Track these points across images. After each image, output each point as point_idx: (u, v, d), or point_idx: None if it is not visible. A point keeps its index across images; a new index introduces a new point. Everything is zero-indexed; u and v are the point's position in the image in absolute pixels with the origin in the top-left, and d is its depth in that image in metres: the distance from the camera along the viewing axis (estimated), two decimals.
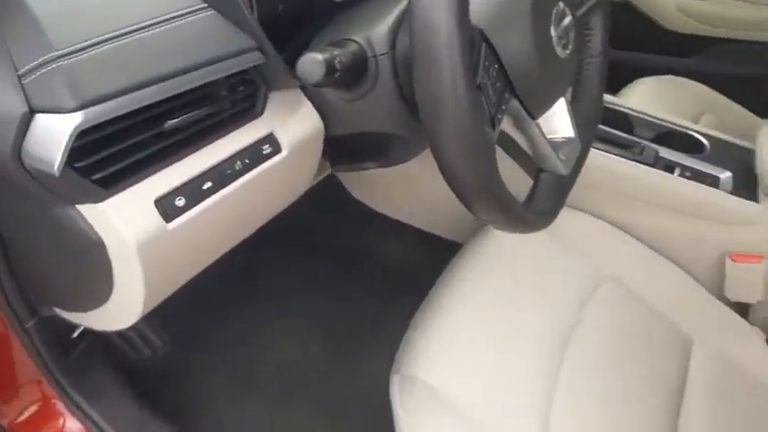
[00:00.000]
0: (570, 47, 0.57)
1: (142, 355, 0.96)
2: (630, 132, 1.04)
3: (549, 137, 0.64)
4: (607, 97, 1.08)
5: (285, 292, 1.17)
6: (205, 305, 1.10)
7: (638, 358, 0.82)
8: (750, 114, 1.34)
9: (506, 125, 0.59)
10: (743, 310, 0.95)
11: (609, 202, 0.97)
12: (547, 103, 0.59)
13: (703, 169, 0.95)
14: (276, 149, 0.57)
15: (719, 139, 1.02)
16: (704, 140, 1.01)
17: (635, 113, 1.07)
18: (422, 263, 0.91)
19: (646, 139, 1.01)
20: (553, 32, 0.53)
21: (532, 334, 0.79)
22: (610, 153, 0.96)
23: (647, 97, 1.39)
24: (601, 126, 1.01)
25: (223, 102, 0.54)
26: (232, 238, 0.63)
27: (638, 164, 0.95)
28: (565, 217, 0.94)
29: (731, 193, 0.91)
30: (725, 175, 0.94)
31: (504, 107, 0.51)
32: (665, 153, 0.97)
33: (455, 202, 1.15)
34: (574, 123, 0.64)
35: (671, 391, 0.80)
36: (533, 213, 0.58)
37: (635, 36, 1.56)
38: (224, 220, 0.56)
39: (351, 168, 0.71)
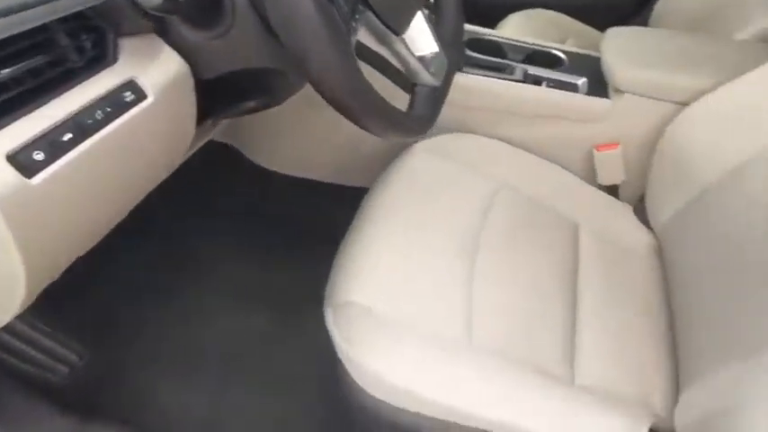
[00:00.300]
0: None
1: (58, 372, 0.94)
2: (504, 57, 1.18)
3: (417, 54, 0.75)
4: (483, 30, 1.23)
5: (215, 268, 1.19)
6: (134, 295, 1.11)
7: (538, 247, 0.94)
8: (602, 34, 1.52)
9: (373, 43, 0.68)
10: (613, 191, 1.12)
11: (494, 120, 1.10)
12: (404, 17, 0.67)
13: (564, 79, 1.10)
14: (140, 96, 0.55)
15: (575, 53, 1.17)
16: (562, 56, 1.16)
17: (505, 41, 1.20)
18: (340, 214, 0.92)
19: (516, 61, 1.16)
20: None
21: (446, 244, 0.88)
22: (488, 77, 1.10)
23: (519, 28, 1.55)
24: (477, 54, 1.15)
25: (66, 51, 0.52)
26: (117, 200, 0.60)
27: (513, 82, 1.09)
28: (459, 141, 1.08)
29: (587, 94, 1.07)
30: (581, 81, 1.09)
31: (357, 16, 0.58)
32: (533, 70, 1.12)
33: (355, 149, 1.25)
34: (437, 38, 0.75)
35: (567, 270, 0.92)
36: (413, 120, 0.69)
37: None
38: (99, 177, 0.54)
39: (234, 113, 0.73)
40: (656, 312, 0.91)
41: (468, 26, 1.21)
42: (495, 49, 1.19)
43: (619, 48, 1.07)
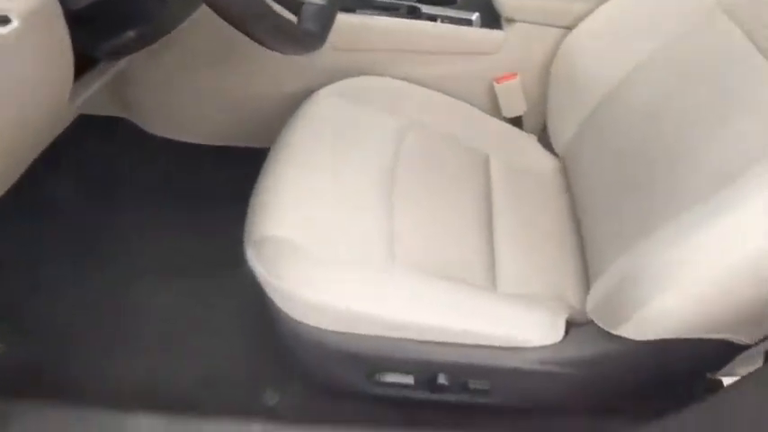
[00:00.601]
0: None
1: None
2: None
3: None
4: None
5: (130, 244, 1.16)
6: (51, 275, 1.08)
7: (451, 176, 0.96)
8: None
9: None
10: (517, 122, 1.16)
11: (394, 60, 1.11)
12: None
13: (457, 15, 1.13)
14: (3, 19, 0.51)
15: None
16: None
17: None
18: (248, 175, 0.89)
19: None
20: None
21: (361, 176, 0.88)
22: (386, 17, 1.10)
23: None
24: None
25: None
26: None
27: (408, 19, 1.10)
28: (362, 83, 1.08)
29: (480, 27, 1.10)
30: (474, 16, 1.12)
31: None
32: (426, 9, 1.13)
33: (255, 109, 1.21)
34: None
35: (481, 194, 0.95)
36: (303, 33, 0.68)
37: None
38: None
39: (116, 49, 0.68)
40: (565, 224, 0.96)
41: None
42: None
43: None
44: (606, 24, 0.98)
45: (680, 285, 0.60)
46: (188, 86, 1.17)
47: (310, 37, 0.69)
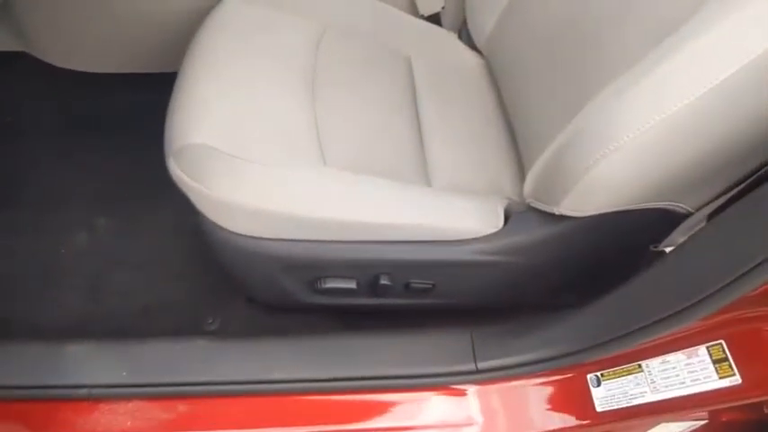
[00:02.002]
0: None
1: None
2: None
3: None
4: None
5: (48, 183, 1.07)
6: None
7: (375, 77, 0.90)
8: None
9: None
10: (436, 20, 1.10)
11: None
12: None
13: None
14: None
15: None
16: None
17: None
18: (161, 100, 0.80)
19: None
20: None
21: (282, 78, 0.81)
22: None
23: None
24: None
25: None
26: None
27: None
28: None
29: None
30: None
31: None
32: None
33: (159, 31, 1.09)
34: None
35: (407, 93, 0.90)
36: None
37: None
38: None
39: None
40: (495, 119, 0.92)
41: None
42: None
43: None
44: None
45: (617, 149, 0.56)
46: (83, 8, 1.04)
47: None
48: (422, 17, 1.08)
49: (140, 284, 0.94)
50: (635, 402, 0.59)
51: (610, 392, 0.61)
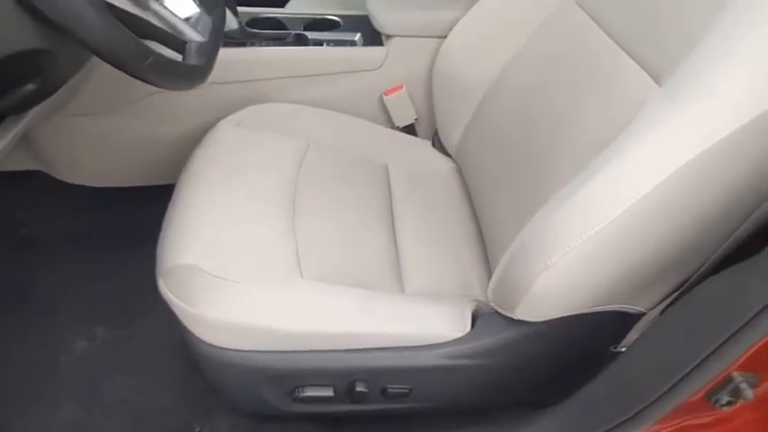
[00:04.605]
0: None
1: None
2: (285, 29, 1.17)
3: (183, 17, 0.72)
4: (260, 9, 1.20)
5: (53, 293, 1.09)
6: None
7: (354, 189, 0.93)
8: None
9: (137, 10, 0.64)
10: (411, 130, 1.15)
11: (288, 86, 1.08)
12: None
13: (341, 38, 1.11)
14: None
15: (349, 15, 1.18)
16: (338, 19, 1.17)
17: (283, 15, 1.19)
18: (154, 212, 0.86)
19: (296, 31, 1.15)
20: None
21: (266, 195, 0.84)
22: (275, 47, 1.08)
23: (311, 2, 1.54)
24: (261, 31, 1.13)
25: None
26: None
27: (296, 47, 1.08)
28: (261, 111, 1.04)
29: (363, 45, 1.09)
30: (357, 36, 1.11)
31: None
32: (313, 35, 1.12)
33: (160, 148, 1.16)
34: (196, 1, 0.72)
35: (383, 201, 0.94)
36: (187, 68, 0.65)
37: None
38: None
39: (18, 102, 0.65)
40: (465, 221, 0.95)
41: (246, 8, 1.18)
42: (275, 24, 1.18)
43: None
44: (476, 28, 0.99)
45: (558, 261, 0.58)
46: (94, 132, 1.11)
47: (195, 71, 0.66)
48: (398, 128, 1.14)
49: (134, 392, 0.94)
50: None
51: None
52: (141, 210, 1.02)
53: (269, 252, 0.76)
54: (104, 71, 0.71)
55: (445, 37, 1.02)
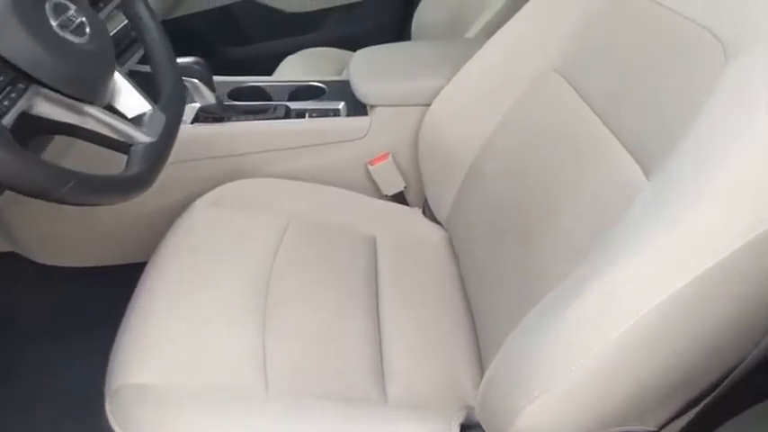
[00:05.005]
0: (88, 31, 0.58)
1: None
2: (269, 100, 1.13)
3: (131, 115, 0.67)
4: (242, 78, 1.16)
5: (29, 376, 1.05)
6: None
7: (336, 270, 0.86)
8: None
9: (71, 117, 0.60)
10: (400, 198, 1.09)
11: (269, 160, 1.03)
12: (94, 86, 0.60)
13: (325, 107, 1.06)
14: None
15: (335, 81, 1.14)
16: (323, 86, 1.13)
17: (267, 84, 1.15)
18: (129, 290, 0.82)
19: (282, 100, 1.10)
20: (54, 23, 0.55)
21: (233, 297, 0.78)
22: (252, 121, 1.03)
23: (295, 68, 1.51)
24: (241, 102, 1.09)
25: None
26: None
27: (276, 120, 1.03)
28: (240, 188, 0.99)
29: (348, 115, 1.04)
30: (341, 105, 1.06)
31: (13, 95, 0.51)
32: (295, 105, 1.07)
33: (136, 227, 1.13)
34: (146, 97, 0.67)
35: (368, 285, 0.86)
36: (128, 180, 0.60)
37: (266, 26, 1.68)
38: None
39: None
40: (455, 304, 0.87)
41: (226, 78, 1.15)
42: (259, 93, 1.14)
43: (363, 66, 1.05)
44: (460, 96, 0.93)
45: (547, 392, 0.50)
46: (65, 214, 1.06)
47: (133, 181, 0.61)
48: (386, 197, 1.08)
49: None
50: None
51: None
52: (116, 285, 0.95)
53: (232, 362, 0.69)
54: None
55: (427, 105, 0.96)
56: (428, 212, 1.04)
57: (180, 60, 0.96)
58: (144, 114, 0.67)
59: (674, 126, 0.53)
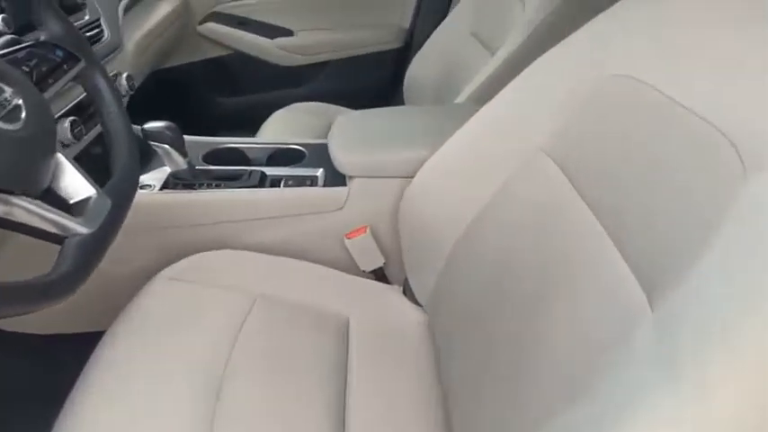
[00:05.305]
0: (23, 116, 0.53)
1: None
2: (247, 162, 1.07)
3: (74, 200, 0.61)
4: (220, 139, 1.11)
5: None
6: None
7: (300, 360, 0.79)
8: None
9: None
10: (379, 274, 1.02)
11: (239, 230, 0.97)
12: (25, 176, 0.54)
13: (303, 173, 1.00)
14: None
15: (315, 144, 1.08)
16: (303, 149, 1.07)
17: (245, 145, 1.09)
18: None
19: (259, 164, 1.04)
20: None
21: (184, 388, 0.71)
22: (224, 188, 0.97)
23: (282, 125, 1.46)
24: (212, 167, 1.02)
25: None
26: None
27: (248, 189, 0.97)
28: (205, 260, 0.92)
29: (326, 184, 0.97)
30: (319, 172, 1.00)
31: None
32: (271, 171, 1.01)
33: (100, 293, 1.04)
34: (91, 182, 0.61)
35: (336, 381, 0.78)
36: (54, 281, 0.53)
37: (258, 78, 1.64)
38: None
39: None
40: (433, 413, 0.79)
41: (204, 138, 1.09)
42: (237, 155, 1.08)
43: (342, 135, 1.00)
44: (445, 170, 0.87)
45: None
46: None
47: (57, 284, 0.54)
48: (365, 273, 1.00)
49: None
50: None
51: None
52: (76, 353, 0.91)
53: None
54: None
55: (409, 177, 0.90)
56: (408, 291, 0.97)
57: (151, 125, 0.92)
58: (89, 199, 0.60)
59: (680, 245, 0.46)
